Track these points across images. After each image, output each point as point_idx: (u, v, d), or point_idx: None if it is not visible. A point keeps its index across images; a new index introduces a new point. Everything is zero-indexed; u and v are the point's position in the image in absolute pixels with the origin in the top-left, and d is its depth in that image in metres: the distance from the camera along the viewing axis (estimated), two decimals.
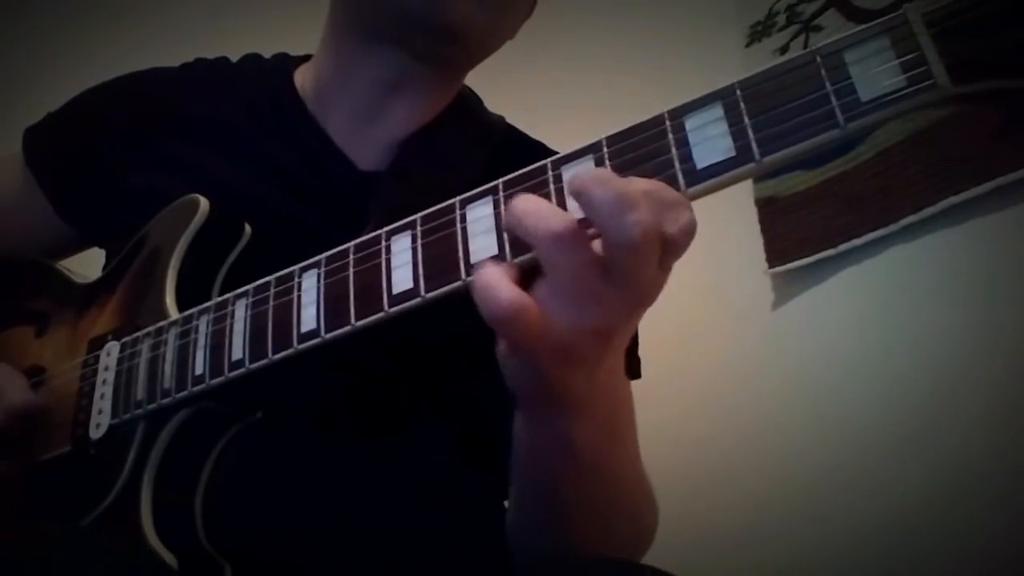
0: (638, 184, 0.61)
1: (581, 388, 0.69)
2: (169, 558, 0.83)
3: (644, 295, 0.64)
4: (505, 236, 0.68)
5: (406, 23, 1.01)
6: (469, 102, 1.16)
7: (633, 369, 1.09)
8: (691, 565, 0.98)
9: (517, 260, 0.67)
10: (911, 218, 1.74)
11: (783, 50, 2.00)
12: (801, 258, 1.89)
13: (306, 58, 1.17)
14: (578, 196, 0.60)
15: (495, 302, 0.60)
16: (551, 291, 0.63)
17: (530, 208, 0.62)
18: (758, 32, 2.08)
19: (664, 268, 0.63)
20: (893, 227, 1.77)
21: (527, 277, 0.64)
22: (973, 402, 1.61)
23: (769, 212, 1.96)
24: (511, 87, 1.84)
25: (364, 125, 1.07)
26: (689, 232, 0.61)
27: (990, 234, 1.67)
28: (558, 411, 0.72)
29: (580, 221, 0.61)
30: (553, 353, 0.65)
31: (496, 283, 0.61)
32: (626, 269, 0.61)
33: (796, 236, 1.90)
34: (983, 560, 1.51)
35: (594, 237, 0.62)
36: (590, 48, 2.46)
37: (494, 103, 1.20)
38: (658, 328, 1.23)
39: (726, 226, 1.96)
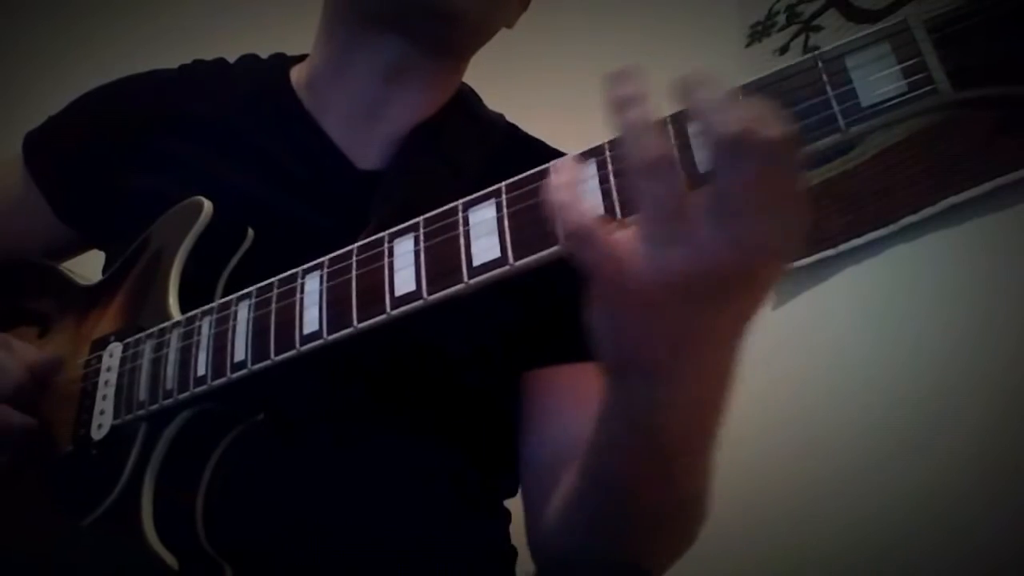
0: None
1: (670, 358, 0.65)
2: (170, 559, 0.83)
3: (741, 240, 0.59)
4: (507, 238, 0.69)
5: (405, 7, 1.01)
6: (468, 100, 1.17)
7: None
8: (691, 564, 0.98)
9: (520, 262, 0.68)
10: (911, 218, 1.74)
11: (783, 50, 1.99)
12: (801, 258, 1.89)
13: (302, 58, 1.17)
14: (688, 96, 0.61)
15: (573, 217, 0.61)
16: (642, 231, 0.61)
17: (629, 130, 0.61)
18: (758, 32, 2.08)
19: (772, 220, 0.59)
20: (893, 227, 1.76)
21: None
22: (973, 402, 1.61)
23: None
24: (510, 86, 1.83)
25: (362, 122, 1.07)
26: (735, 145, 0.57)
27: (990, 234, 1.66)
28: (646, 384, 0.68)
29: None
30: (640, 303, 0.62)
31: (576, 201, 0.61)
32: (722, 189, 0.58)
33: None
34: (984, 560, 1.51)
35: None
36: (590, 48, 2.45)
37: (493, 102, 1.20)
38: None
39: None
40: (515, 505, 1.10)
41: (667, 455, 0.73)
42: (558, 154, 0.72)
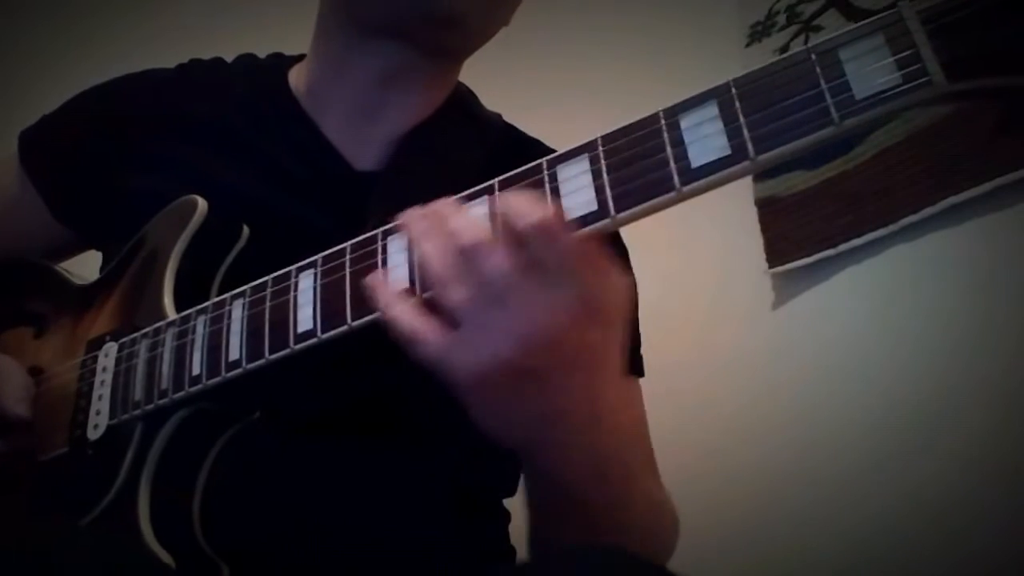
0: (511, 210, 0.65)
1: (559, 415, 0.71)
2: (167, 558, 0.83)
3: (537, 323, 0.65)
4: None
5: (405, 15, 1.01)
6: (465, 99, 1.16)
7: (637, 367, 1.09)
8: (692, 564, 0.97)
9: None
10: (911, 218, 1.74)
11: (783, 50, 1.99)
12: (801, 258, 1.89)
13: (300, 58, 1.17)
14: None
15: (398, 329, 0.68)
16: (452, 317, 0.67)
17: (456, 223, 0.67)
18: (758, 32, 2.08)
19: (543, 284, 0.65)
20: (893, 227, 1.76)
21: None
22: (974, 401, 1.61)
23: (769, 212, 1.96)
24: (509, 86, 1.83)
25: (360, 123, 1.07)
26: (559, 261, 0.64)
27: (990, 234, 1.66)
28: (534, 450, 0.76)
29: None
30: (512, 366, 0.67)
31: (396, 314, 0.69)
32: (539, 262, 0.64)
33: (796, 236, 1.90)
34: (984, 560, 1.51)
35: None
36: (589, 47, 2.45)
37: (492, 102, 1.20)
38: (659, 328, 1.23)
39: (726, 226, 1.96)
40: (514, 505, 1.10)
41: (574, 489, 0.78)
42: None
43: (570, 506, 0.80)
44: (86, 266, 1.17)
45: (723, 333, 2.02)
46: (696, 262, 2.08)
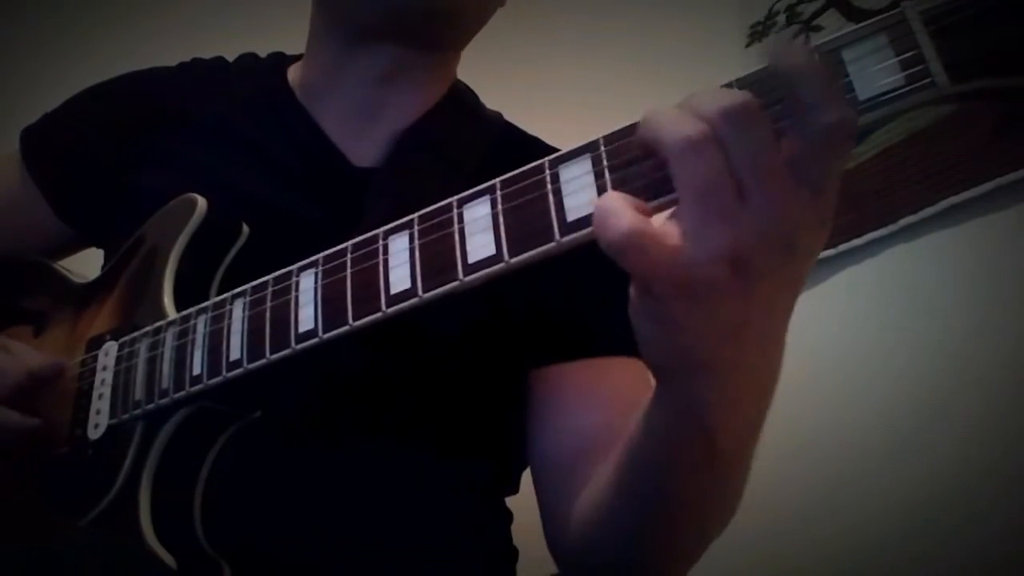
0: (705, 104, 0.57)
1: (720, 351, 0.62)
2: (168, 558, 0.83)
3: (788, 222, 0.57)
4: (503, 235, 0.68)
5: (400, 15, 1.01)
6: (464, 96, 1.16)
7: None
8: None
9: (515, 260, 0.67)
10: (911, 218, 1.74)
11: None
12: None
13: (300, 57, 1.17)
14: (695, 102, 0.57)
15: (615, 228, 0.56)
16: (679, 215, 0.57)
17: (662, 113, 0.57)
18: (758, 32, 2.08)
19: (814, 188, 0.57)
20: (893, 227, 1.77)
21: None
22: (973, 401, 1.61)
23: None
24: (510, 85, 1.84)
25: (358, 121, 1.07)
26: (834, 131, 0.55)
27: (990, 234, 1.67)
28: (697, 383, 0.65)
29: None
30: (682, 292, 0.58)
31: (617, 209, 0.56)
32: (750, 168, 0.56)
33: None
34: (983, 560, 1.51)
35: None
36: (590, 47, 2.45)
37: (492, 101, 1.20)
38: None
39: None
40: (514, 505, 1.10)
41: (718, 456, 0.70)
42: (556, 152, 0.71)
43: (715, 464, 0.71)
44: (86, 264, 1.17)
45: None
46: None
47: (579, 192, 0.65)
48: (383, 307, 0.73)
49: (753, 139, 0.55)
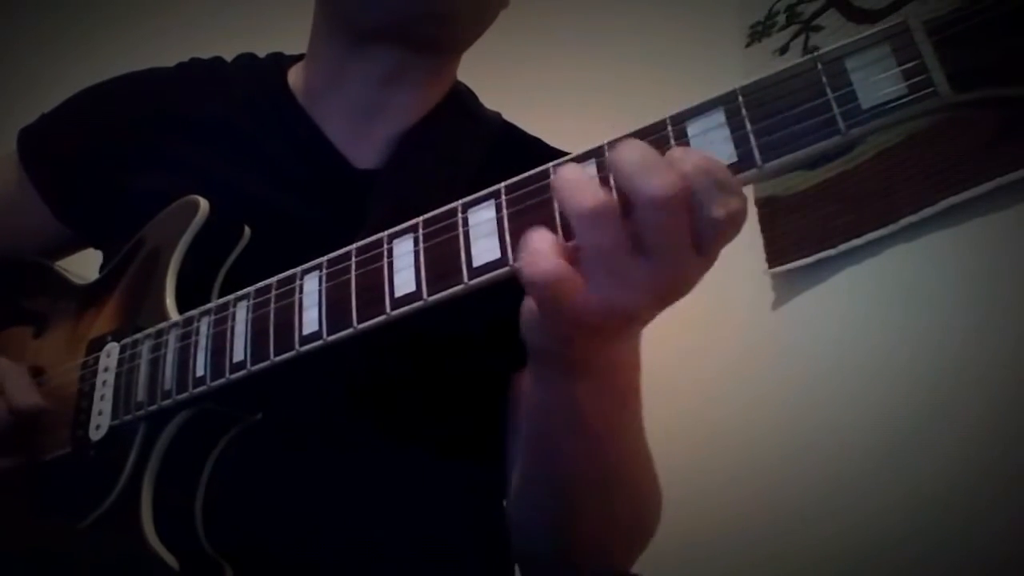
0: (689, 156, 0.60)
1: (599, 359, 0.71)
2: (170, 559, 0.83)
3: (676, 279, 0.63)
4: (507, 239, 0.69)
5: (399, 15, 1.01)
6: (464, 98, 1.16)
7: None
8: (692, 565, 0.98)
9: (519, 263, 0.67)
10: (911, 218, 1.74)
11: (783, 50, 1.99)
12: (801, 258, 1.89)
13: (300, 57, 1.17)
14: (611, 165, 0.61)
15: (538, 268, 0.62)
16: (583, 268, 0.63)
17: (568, 178, 0.62)
18: (758, 32, 2.08)
19: (704, 254, 0.62)
20: (893, 227, 1.76)
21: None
22: (974, 402, 1.61)
23: (769, 212, 1.96)
24: (510, 86, 1.83)
25: (359, 123, 1.07)
26: (734, 219, 0.61)
27: (990, 234, 1.66)
28: (572, 377, 0.74)
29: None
30: (579, 324, 0.65)
31: (543, 250, 0.62)
32: (653, 238, 0.61)
33: (796, 236, 1.90)
34: (984, 559, 1.51)
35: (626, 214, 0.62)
36: (589, 47, 2.45)
37: (492, 101, 1.20)
38: (658, 328, 1.23)
39: None
40: None
41: (589, 427, 0.78)
42: (557, 153, 0.72)
43: (587, 439, 0.80)
44: (86, 265, 1.17)
45: (723, 333, 2.02)
46: None
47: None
48: (388, 310, 0.74)
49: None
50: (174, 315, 0.92)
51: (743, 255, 1.99)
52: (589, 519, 0.87)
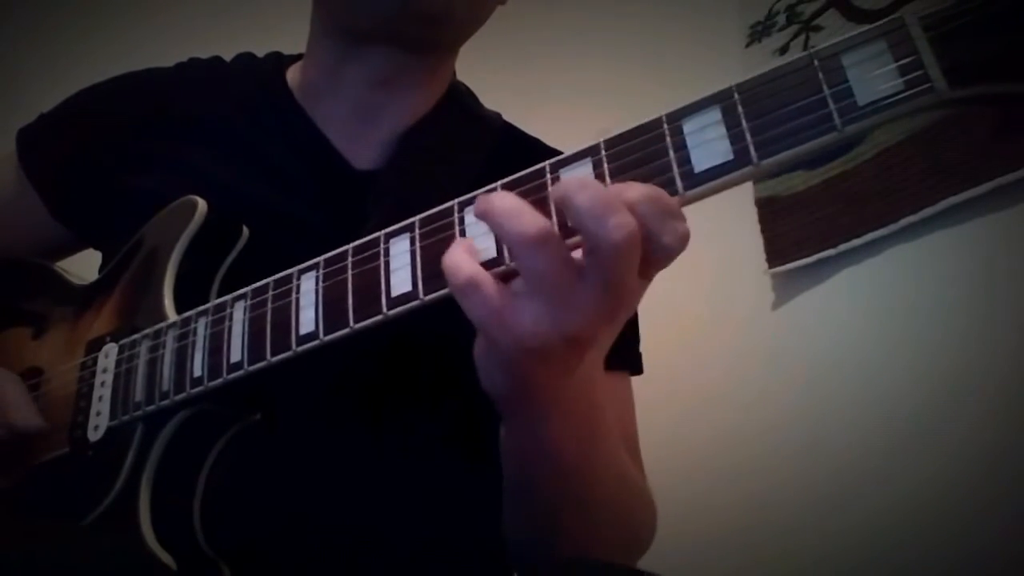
0: (634, 190, 0.61)
1: (556, 389, 0.71)
2: (168, 560, 0.83)
3: (621, 303, 0.63)
4: None
5: (392, 16, 1.00)
6: (463, 97, 1.16)
7: (634, 364, 1.09)
8: (692, 565, 0.98)
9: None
10: (911, 218, 1.74)
11: (783, 50, 2.00)
12: (801, 258, 1.89)
13: (299, 57, 1.17)
14: (561, 203, 0.61)
15: (454, 275, 0.63)
16: (526, 292, 0.64)
17: (506, 207, 0.62)
18: (758, 32, 2.08)
19: (646, 277, 0.64)
20: (893, 227, 1.77)
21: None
22: (974, 401, 1.61)
23: (769, 212, 1.96)
24: (510, 85, 1.84)
25: (358, 124, 1.07)
26: (682, 243, 0.62)
27: (990, 234, 1.67)
28: (534, 413, 0.74)
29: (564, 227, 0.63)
30: (527, 353, 0.65)
31: (458, 260, 0.64)
32: (606, 274, 0.61)
33: (796, 236, 1.91)
34: (984, 561, 1.51)
35: (575, 246, 0.63)
36: (590, 47, 2.45)
37: (493, 103, 1.20)
38: (658, 328, 1.23)
39: (726, 226, 1.96)
40: None
41: (563, 463, 0.79)
42: (556, 154, 0.72)
43: (561, 471, 0.80)
44: (85, 265, 1.17)
45: (723, 333, 2.02)
46: (696, 262, 2.07)
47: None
48: (384, 309, 0.73)
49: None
50: (172, 315, 0.92)
51: (743, 255, 1.99)
52: (572, 538, 0.87)
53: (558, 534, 0.87)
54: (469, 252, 0.65)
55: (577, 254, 0.63)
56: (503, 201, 0.62)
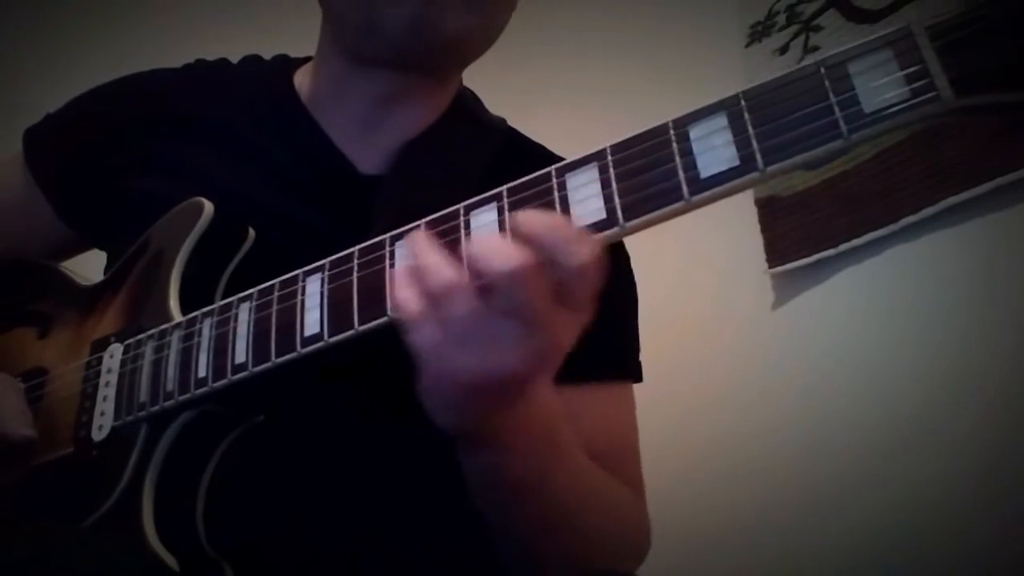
0: (530, 224, 0.63)
1: (502, 423, 0.74)
2: (171, 560, 0.83)
3: (546, 338, 0.66)
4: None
5: (402, 49, 1.00)
6: (469, 104, 1.16)
7: (635, 373, 1.09)
8: (693, 565, 0.98)
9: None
10: (911, 218, 1.74)
11: (783, 50, 1.99)
12: (801, 258, 1.89)
13: (306, 59, 1.16)
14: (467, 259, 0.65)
15: (402, 309, 0.67)
16: (458, 333, 0.67)
17: (418, 265, 0.67)
18: (758, 32, 2.08)
19: (572, 307, 0.65)
20: (893, 227, 1.77)
21: None
22: (974, 401, 1.61)
23: (769, 212, 1.96)
24: (511, 87, 1.84)
25: (364, 132, 1.07)
26: (582, 270, 0.63)
27: (990, 234, 1.67)
28: (483, 446, 0.77)
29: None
30: (466, 391, 0.69)
31: (406, 295, 0.67)
32: (515, 308, 0.64)
33: (796, 236, 1.91)
34: (984, 561, 1.52)
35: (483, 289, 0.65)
36: (590, 48, 2.45)
37: (493, 103, 1.20)
38: (658, 328, 1.23)
39: (726, 226, 1.97)
40: None
41: (519, 483, 0.81)
42: (559, 159, 0.72)
43: (521, 497, 0.83)
44: (89, 266, 1.17)
45: (723, 333, 2.02)
46: (696, 262, 2.08)
47: (586, 200, 0.66)
48: (388, 311, 0.74)
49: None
50: (177, 316, 0.92)
51: (743, 255, 2.00)
52: (544, 554, 0.89)
53: (539, 557, 0.89)
54: (409, 291, 0.67)
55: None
56: (423, 259, 0.67)
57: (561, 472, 0.84)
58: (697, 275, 2.08)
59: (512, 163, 0.79)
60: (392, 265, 0.75)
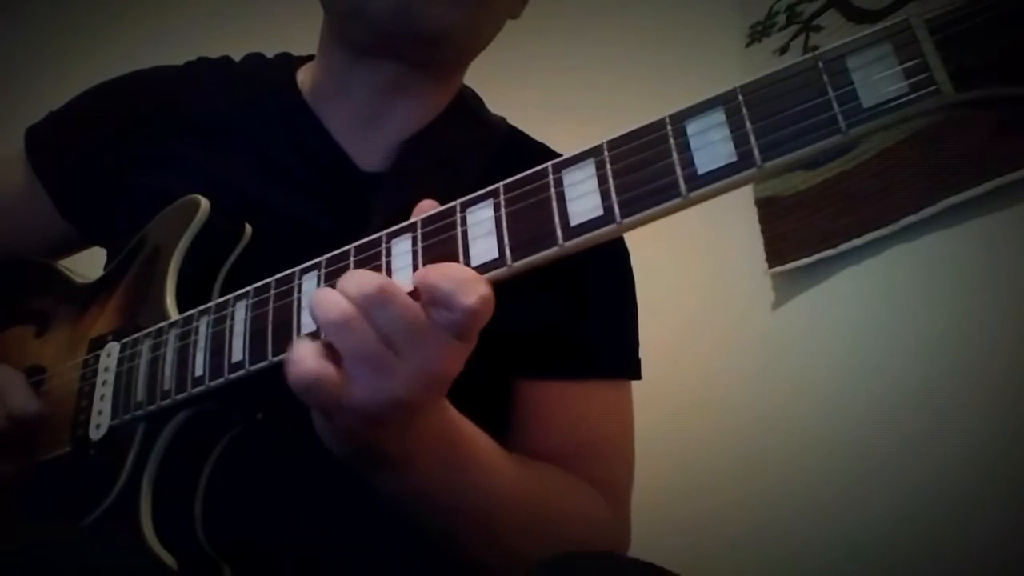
0: (432, 273, 0.67)
1: (396, 448, 0.76)
2: (168, 559, 0.83)
3: (434, 366, 0.70)
4: (506, 238, 0.68)
5: (388, 36, 1.00)
6: (470, 102, 1.16)
7: (633, 370, 1.09)
8: (690, 565, 0.97)
9: (518, 263, 0.67)
10: (911, 218, 1.74)
11: (783, 50, 1.99)
12: (801, 258, 1.89)
13: (309, 58, 1.17)
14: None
15: (298, 372, 0.69)
16: (350, 366, 0.69)
17: (316, 298, 0.70)
18: (758, 32, 2.08)
19: (463, 338, 0.68)
20: (893, 227, 1.77)
21: None
22: (974, 401, 1.61)
23: (769, 212, 1.96)
24: (511, 87, 1.84)
25: (365, 128, 1.07)
26: (488, 304, 0.66)
27: (990, 234, 1.67)
28: (380, 470, 0.79)
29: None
30: (359, 419, 0.71)
31: (302, 357, 0.69)
32: (402, 346, 0.68)
33: (796, 236, 1.91)
34: (984, 561, 1.52)
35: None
36: (590, 48, 2.45)
37: (493, 103, 1.20)
38: (658, 328, 1.23)
39: (726, 226, 1.97)
40: None
41: (424, 501, 0.83)
42: (558, 156, 0.72)
43: (432, 513, 0.85)
44: (88, 264, 1.17)
45: (723, 333, 2.02)
46: (696, 262, 2.08)
47: (583, 196, 0.66)
48: None
49: (393, 313, 0.68)
50: (174, 314, 0.92)
51: (743, 255, 1.99)
52: (493, 560, 0.89)
53: (481, 563, 0.90)
54: (310, 348, 0.70)
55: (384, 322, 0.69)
56: (316, 294, 0.70)
57: (479, 478, 0.86)
58: (697, 275, 2.08)
59: (514, 162, 0.78)
60: (388, 263, 0.75)
